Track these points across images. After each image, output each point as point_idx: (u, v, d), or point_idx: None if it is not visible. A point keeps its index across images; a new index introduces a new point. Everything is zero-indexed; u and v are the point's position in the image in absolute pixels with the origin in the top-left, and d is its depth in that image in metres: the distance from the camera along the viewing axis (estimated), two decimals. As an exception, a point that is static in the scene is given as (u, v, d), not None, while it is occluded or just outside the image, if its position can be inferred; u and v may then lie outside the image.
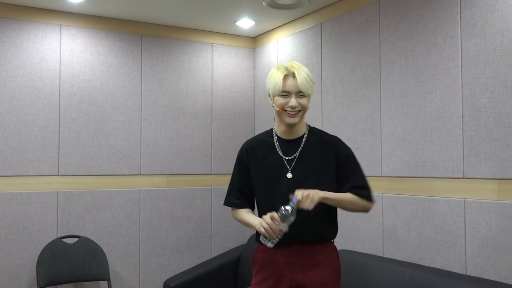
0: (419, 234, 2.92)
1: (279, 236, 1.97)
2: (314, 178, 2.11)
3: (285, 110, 2.09)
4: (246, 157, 2.22)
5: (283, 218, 1.94)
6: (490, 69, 2.57)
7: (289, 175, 2.13)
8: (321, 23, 3.77)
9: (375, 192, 3.19)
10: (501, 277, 2.47)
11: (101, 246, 3.81)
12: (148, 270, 4.06)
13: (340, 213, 2.22)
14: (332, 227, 2.20)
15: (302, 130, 2.19)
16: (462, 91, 2.71)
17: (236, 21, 4.12)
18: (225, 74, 4.49)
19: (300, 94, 2.08)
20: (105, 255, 3.76)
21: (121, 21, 4.04)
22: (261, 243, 2.06)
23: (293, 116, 2.09)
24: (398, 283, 2.70)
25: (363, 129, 3.35)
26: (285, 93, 2.08)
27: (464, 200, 2.67)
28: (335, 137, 2.23)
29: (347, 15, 3.52)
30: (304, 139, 2.17)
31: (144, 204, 4.06)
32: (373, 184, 3.22)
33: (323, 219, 2.14)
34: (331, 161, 2.14)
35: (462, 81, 2.71)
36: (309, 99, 2.12)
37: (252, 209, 2.27)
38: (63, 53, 3.82)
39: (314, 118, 3.75)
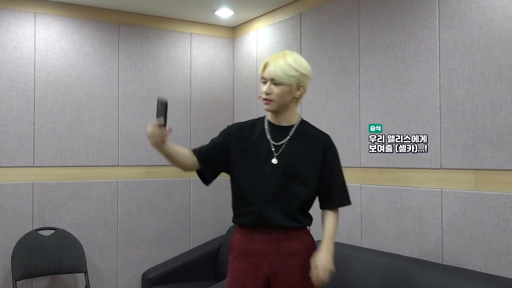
0: (396, 224, 2.94)
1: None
2: (297, 168, 2.13)
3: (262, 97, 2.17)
4: (231, 137, 2.22)
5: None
6: (468, 60, 2.59)
7: (274, 161, 2.14)
8: (300, 13, 3.75)
9: (354, 183, 3.23)
10: (477, 266, 2.50)
11: (78, 238, 3.76)
12: (126, 262, 4.02)
13: (317, 203, 2.22)
14: (307, 214, 2.20)
15: (293, 119, 2.20)
16: (439, 82, 2.73)
17: (215, 11, 4.08)
18: (204, 64, 4.44)
19: (274, 82, 2.12)
20: (82, 247, 3.71)
21: (97, 9, 3.97)
22: (239, 227, 2.20)
23: (266, 103, 2.15)
24: (376, 272, 2.73)
25: (342, 119, 3.36)
26: (263, 80, 2.16)
27: (441, 190, 2.70)
28: (327, 135, 2.23)
29: (326, 5, 3.51)
30: (294, 128, 2.18)
31: (122, 195, 4.02)
32: (351, 174, 3.25)
33: (299, 206, 2.13)
34: (318, 156, 2.16)
35: (439, 72, 2.73)
36: (286, 89, 2.12)
37: (200, 168, 2.25)
38: (37, 42, 3.74)
39: (294, 109, 3.74)
